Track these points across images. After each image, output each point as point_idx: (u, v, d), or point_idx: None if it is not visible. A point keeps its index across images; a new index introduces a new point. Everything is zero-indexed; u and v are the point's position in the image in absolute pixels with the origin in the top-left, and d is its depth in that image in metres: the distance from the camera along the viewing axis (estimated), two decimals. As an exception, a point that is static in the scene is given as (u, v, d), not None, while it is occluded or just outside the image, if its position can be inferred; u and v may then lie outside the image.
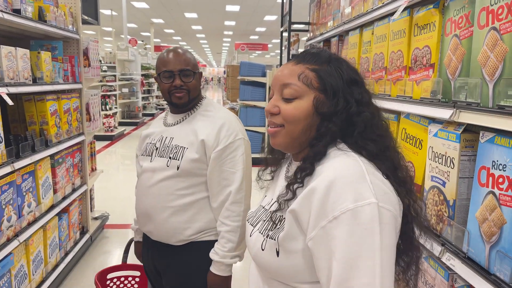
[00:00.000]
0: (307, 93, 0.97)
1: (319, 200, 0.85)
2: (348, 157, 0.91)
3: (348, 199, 0.82)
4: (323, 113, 0.95)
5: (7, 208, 2.32)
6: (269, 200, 1.09)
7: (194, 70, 1.70)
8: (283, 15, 4.97)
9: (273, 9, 14.39)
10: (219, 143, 1.63)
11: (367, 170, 0.88)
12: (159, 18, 17.74)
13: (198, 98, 1.77)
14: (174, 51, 1.72)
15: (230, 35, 23.44)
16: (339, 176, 0.86)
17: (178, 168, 1.64)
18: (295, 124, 0.97)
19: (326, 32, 3.06)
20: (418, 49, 1.61)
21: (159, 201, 1.67)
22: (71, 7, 3.52)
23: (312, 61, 0.99)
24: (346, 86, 0.97)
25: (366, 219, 0.81)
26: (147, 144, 1.80)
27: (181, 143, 1.68)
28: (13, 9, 2.48)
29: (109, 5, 13.99)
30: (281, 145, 1.01)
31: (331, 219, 0.83)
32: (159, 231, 1.70)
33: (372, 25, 2.12)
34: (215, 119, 1.70)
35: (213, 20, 17.73)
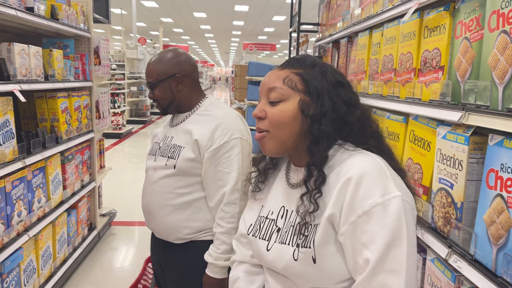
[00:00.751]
0: (292, 95, 0.98)
1: (349, 197, 0.89)
2: (365, 155, 0.94)
3: (376, 193, 0.86)
4: (311, 116, 0.97)
5: (18, 203, 2.36)
6: (273, 209, 1.07)
7: (156, 80, 1.68)
8: (292, 15, 4.97)
9: (281, 10, 14.39)
10: (214, 142, 1.61)
11: (384, 166, 0.92)
12: (168, 18, 17.82)
13: (185, 100, 1.74)
14: (148, 64, 1.74)
15: (239, 35, 23.48)
16: (363, 173, 0.89)
17: (175, 167, 1.64)
18: (281, 128, 0.98)
19: (335, 33, 3.07)
20: (428, 51, 1.62)
21: (159, 199, 1.69)
22: (83, 5, 3.56)
23: (297, 66, 1.02)
24: (331, 87, 0.99)
25: (394, 211, 0.85)
26: (153, 144, 1.83)
27: (179, 142, 1.68)
28: (26, 7, 2.51)
29: (119, 4, 14.08)
30: (272, 151, 1.02)
31: (361, 214, 0.87)
32: (160, 229, 1.72)
33: (382, 26, 2.13)
34: (212, 118, 1.67)
35: (221, 20, 17.78)
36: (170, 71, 1.68)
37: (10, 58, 2.34)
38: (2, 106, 2.19)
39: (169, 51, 1.75)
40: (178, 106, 1.74)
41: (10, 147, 2.27)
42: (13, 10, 2.25)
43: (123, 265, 3.60)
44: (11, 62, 2.34)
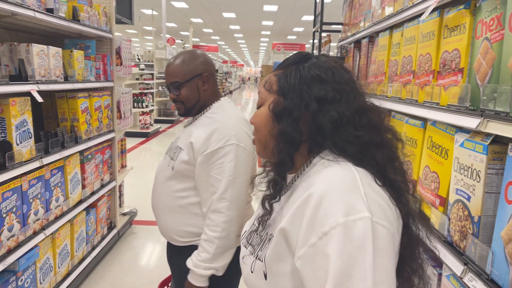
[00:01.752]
0: (268, 98, 0.95)
1: (309, 215, 0.77)
2: (341, 166, 0.82)
3: (339, 212, 0.73)
4: (274, 114, 0.90)
5: (35, 202, 2.39)
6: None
7: (183, 80, 1.65)
8: (315, 15, 4.88)
9: (310, 9, 14.21)
10: (208, 147, 1.56)
11: (361, 180, 0.78)
12: (198, 18, 17.98)
13: (205, 102, 1.72)
14: (170, 61, 1.70)
15: (268, 35, 23.43)
16: (330, 187, 0.77)
17: (173, 169, 1.65)
18: (259, 131, 0.96)
19: (357, 33, 2.97)
20: (447, 53, 1.51)
21: (161, 200, 1.71)
22: (106, 6, 3.60)
23: (279, 67, 0.98)
24: (303, 83, 0.89)
25: (358, 236, 0.71)
26: (171, 143, 1.86)
27: (180, 144, 1.69)
28: (46, 8, 2.55)
29: (150, 5, 14.30)
30: (259, 153, 1.00)
31: (321, 235, 0.73)
32: (161, 229, 1.75)
33: (402, 26, 2.03)
34: (213, 122, 1.63)
35: (251, 20, 17.78)
36: (197, 70, 1.67)
37: (28, 59, 2.38)
38: (20, 106, 2.23)
39: (189, 52, 1.72)
40: (202, 107, 1.71)
41: (27, 146, 2.31)
42: (31, 11, 2.28)
43: (142, 264, 3.62)
44: (29, 62, 2.38)
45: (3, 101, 2.12)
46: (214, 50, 24.21)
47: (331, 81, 0.89)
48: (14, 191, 2.16)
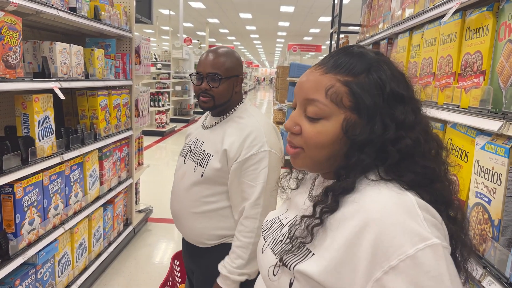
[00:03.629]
0: (335, 113, 0.79)
1: (369, 248, 0.70)
2: (391, 189, 0.75)
3: (405, 243, 0.67)
4: (355, 140, 0.78)
5: (55, 197, 2.44)
6: (290, 216, 0.96)
7: (225, 76, 1.61)
8: (333, 16, 4.87)
9: (327, 10, 14.18)
10: (241, 153, 1.55)
11: (417, 203, 0.73)
12: (215, 18, 18.07)
13: (232, 103, 1.69)
14: (212, 52, 1.65)
15: (284, 36, 23.41)
16: (386, 215, 0.70)
17: (202, 175, 1.61)
18: (318, 150, 0.82)
19: (375, 34, 2.95)
20: (469, 55, 1.50)
21: (186, 206, 1.67)
22: (126, 6, 3.65)
23: (346, 70, 0.80)
24: (387, 104, 0.78)
25: (431, 265, 0.66)
26: (185, 145, 1.81)
27: (209, 149, 1.64)
28: (69, 7, 2.60)
29: (168, 5, 14.44)
30: (303, 167, 0.87)
31: (387, 270, 0.67)
32: (187, 234, 1.73)
33: (423, 28, 2.01)
34: (243, 127, 1.61)
35: (267, 21, 17.79)
36: (237, 70, 1.66)
37: (51, 57, 2.43)
38: (42, 103, 2.28)
39: (231, 50, 1.70)
40: (227, 107, 1.69)
41: (49, 142, 2.36)
42: (55, 10, 2.33)
43: (156, 261, 3.66)
44: (52, 60, 2.43)
45: (27, 97, 2.17)
46: (230, 51, 24.24)
47: (409, 98, 0.81)
48: (35, 185, 2.21)
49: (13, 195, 2.03)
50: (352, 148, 0.79)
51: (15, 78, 1.99)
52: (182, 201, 1.69)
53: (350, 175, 0.79)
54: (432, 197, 0.77)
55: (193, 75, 1.67)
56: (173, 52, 11.98)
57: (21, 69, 2.04)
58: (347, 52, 0.84)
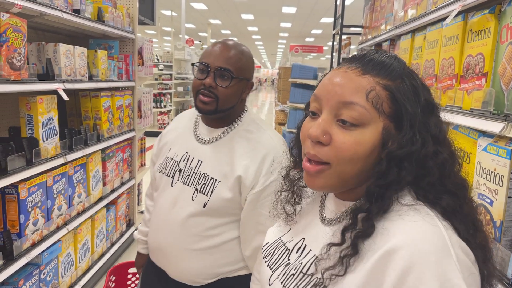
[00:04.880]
0: (375, 120, 0.70)
1: (391, 284, 0.63)
2: (424, 219, 0.66)
3: (433, 287, 0.60)
4: (393, 153, 0.69)
5: (59, 198, 2.45)
6: (294, 238, 0.87)
7: (237, 75, 1.33)
8: (335, 17, 4.88)
9: (329, 11, 14.19)
10: (259, 181, 1.30)
11: (451, 241, 0.65)
12: (216, 19, 18.10)
13: (236, 111, 1.42)
14: (226, 43, 1.36)
15: (286, 37, 23.44)
16: (417, 251, 0.62)
17: (205, 206, 1.32)
18: (351, 165, 0.70)
19: (378, 35, 2.96)
20: (471, 57, 1.51)
21: (180, 242, 1.37)
22: (129, 8, 3.67)
23: (384, 73, 0.72)
24: (423, 114, 0.71)
25: None
26: (167, 160, 1.46)
27: (213, 173, 1.34)
28: (73, 9, 2.62)
29: (170, 6, 14.47)
30: (324, 188, 0.75)
31: None
32: (176, 273, 1.41)
33: (425, 29, 2.02)
34: (257, 145, 1.35)
35: (269, 22, 17.81)
36: (250, 73, 1.40)
37: (56, 58, 2.44)
38: (46, 104, 2.29)
39: (247, 48, 1.42)
40: (228, 115, 1.41)
41: (53, 143, 2.37)
42: (59, 12, 2.35)
43: (158, 262, 3.67)
44: (56, 62, 2.44)
45: (31, 98, 2.18)
46: (231, 52, 24.28)
47: (438, 110, 0.75)
48: (39, 186, 2.23)
49: (18, 196, 2.05)
50: (390, 163, 0.69)
51: (20, 79, 2.00)
52: (175, 235, 1.37)
53: (386, 195, 0.69)
54: (464, 226, 0.70)
55: (196, 65, 1.36)
56: (175, 53, 12.01)
57: (25, 70, 2.06)
58: (380, 53, 0.76)
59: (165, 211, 1.40)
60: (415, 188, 0.72)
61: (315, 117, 0.75)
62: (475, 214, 0.74)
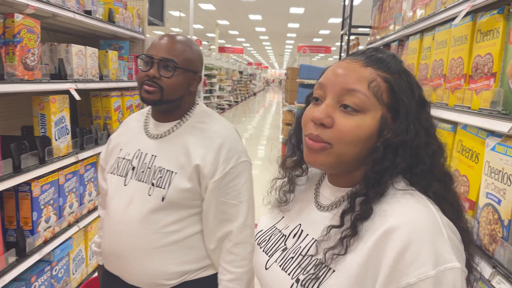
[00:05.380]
0: (374, 108, 0.76)
1: (390, 260, 0.69)
2: (418, 202, 0.74)
3: (428, 262, 0.67)
4: (390, 141, 0.76)
5: (70, 196, 2.50)
6: (290, 224, 0.91)
7: (181, 66, 1.32)
8: (344, 18, 4.88)
9: (337, 12, 14.18)
10: (218, 168, 1.29)
11: (442, 221, 0.72)
12: (224, 20, 18.16)
13: (184, 104, 1.41)
14: (170, 36, 1.36)
15: (293, 37, 23.44)
16: (414, 230, 0.69)
17: (164, 199, 1.27)
18: (350, 146, 0.76)
19: (386, 36, 2.97)
20: (480, 57, 1.52)
21: (138, 242, 1.29)
22: (139, 9, 3.71)
23: (384, 67, 0.79)
24: (417, 108, 0.78)
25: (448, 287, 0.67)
26: (119, 160, 1.41)
27: (168, 165, 1.32)
28: (85, 10, 2.66)
29: (178, 7, 14.55)
30: (323, 165, 0.79)
31: (404, 286, 0.67)
32: (135, 277, 1.33)
33: (433, 30, 2.03)
34: (212, 135, 1.35)
35: (276, 22, 17.84)
36: (196, 66, 1.39)
37: (68, 59, 2.48)
38: (59, 103, 2.33)
39: (192, 41, 1.42)
40: (177, 108, 1.39)
41: (65, 142, 2.41)
42: (71, 13, 2.39)
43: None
44: (68, 62, 2.49)
45: (44, 98, 2.22)
46: (239, 52, 24.38)
47: (429, 107, 0.82)
48: (52, 184, 2.27)
49: (31, 193, 2.09)
50: (386, 150, 0.76)
51: (33, 79, 2.04)
52: (133, 236, 1.30)
53: (382, 180, 0.76)
54: (451, 210, 0.77)
55: (141, 57, 1.35)
56: (184, 53, 12.06)
57: (38, 70, 2.10)
58: (380, 51, 0.83)
59: (120, 212, 1.33)
60: (408, 175, 0.79)
61: (318, 103, 0.81)
62: (459, 201, 0.82)
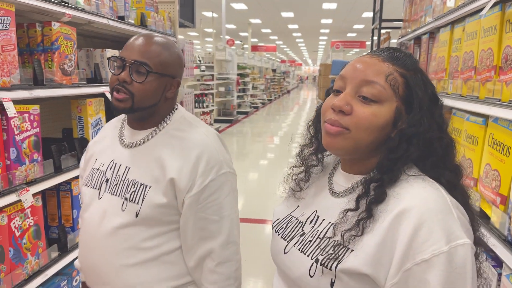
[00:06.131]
0: (390, 99, 0.83)
1: (405, 239, 0.75)
2: (429, 185, 0.80)
3: (441, 239, 0.73)
4: (404, 131, 0.82)
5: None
6: (306, 212, 0.95)
7: (155, 70, 1.18)
8: (374, 12, 4.80)
9: (371, 5, 13.92)
10: (195, 182, 1.17)
11: (451, 202, 0.78)
12: (257, 18, 18.21)
13: (160, 110, 1.26)
14: (146, 36, 1.23)
15: (327, 33, 23.19)
16: (426, 210, 0.75)
17: (137, 215, 1.16)
18: (367, 133, 0.82)
19: (417, 29, 2.91)
20: (510, 47, 1.47)
21: (113, 258, 1.20)
22: (170, 12, 3.81)
23: (401, 64, 0.85)
24: (431, 103, 0.85)
25: (459, 262, 0.72)
26: (93, 171, 1.30)
27: (142, 178, 1.20)
28: (118, 16, 2.76)
29: (211, 7, 14.74)
30: (340, 149, 0.85)
31: (419, 262, 0.73)
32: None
33: (463, 21, 1.98)
34: (189, 144, 1.21)
35: (309, 19, 17.71)
36: (174, 69, 1.24)
37: (103, 63, 2.60)
38: (95, 106, 2.45)
39: (173, 43, 1.28)
40: (152, 115, 1.26)
41: (101, 143, 2.52)
42: (105, 19, 2.49)
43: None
44: (104, 66, 2.60)
45: (82, 101, 2.34)
46: (272, 50, 24.40)
47: (441, 104, 0.88)
48: (90, 183, 2.38)
49: (71, 192, 2.20)
50: (401, 139, 0.82)
51: (71, 84, 2.15)
52: (106, 252, 1.21)
53: (395, 167, 0.82)
54: (462, 199, 0.83)
55: (113, 59, 1.21)
56: (216, 53, 12.22)
57: (76, 75, 2.21)
58: (397, 49, 0.90)
59: (93, 227, 1.23)
60: (421, 164, 0.84)
61: (338, 94, 0.87)
62: (467, 192, 0.87)
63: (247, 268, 3.23)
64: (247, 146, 9.68)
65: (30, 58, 1.99)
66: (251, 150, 9.03)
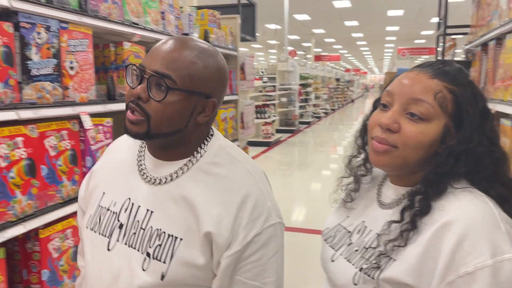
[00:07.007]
0: (438, 117, 0.83)
1: (449, 250, 0.74)
2: (476, 198, 0.79)
3: (485, 253, 0.72)
4: (452, 148, 0.82)
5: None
6: (354, 222, 0.98)
7: (181, 86, 0.87)
8: (440, 18, 4.63)
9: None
10: (238, 236, 0.87)
11: (500, 216, 0.77)
12: (320, 28, 18.18)
13: (189, 137, 0.94)
14: (178, 40, 0.90)
15: (393, 40, 22.53)
16: (472, 223, 0.75)
17: (163, 277, 0.87)
18: (415, 151, 0.83)
19: (484, 35, 2.78)
20: None
21: None
22: (232, 27, 3.96)
23: (451, 80, 0.84)
24: (480, 118, 0.84)
25: (505, 277, 0.71)
26: (101, 210, 0.98)
27: (171, 228, 0.90)
28: (183, 33, 2.95)
29: (274, 20, 14.98)
30: (387, 166, 0.87)
31: (462, 275, 0.72)
32: None
33: (531, 26, 1.88)
34: (233, 185, 0.91)
35: (374, 27, 17.35)
36: (208, 88, 0.91)
37: (168, 78, 2.77)
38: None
39: (214, 53, 0.94)
40: (178, 144, 0.94)
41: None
42: (171, 37, 2.67)
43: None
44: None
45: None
46: (336, 59, 24.15)
47: (493, 117, 0.87)
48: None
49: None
50: (448, 155, 0.82)
51: (139, 98, 2.33)
52: None
53: (441, 181, 0.82)
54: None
55: (130, 67, 0.91)
56: (279, 65, 12.37)
57: (144, 90, 2.38)
58: (447, 63, 0.89)
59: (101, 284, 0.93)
60: (470, 178, 0.83)
61: (386, 109, 0.88)
62: None
63: (304, 276, 3.24)
64: (309, 156, 9.65)
65: (104, 76, 2.19)
66: (313, 160, 8.98)
